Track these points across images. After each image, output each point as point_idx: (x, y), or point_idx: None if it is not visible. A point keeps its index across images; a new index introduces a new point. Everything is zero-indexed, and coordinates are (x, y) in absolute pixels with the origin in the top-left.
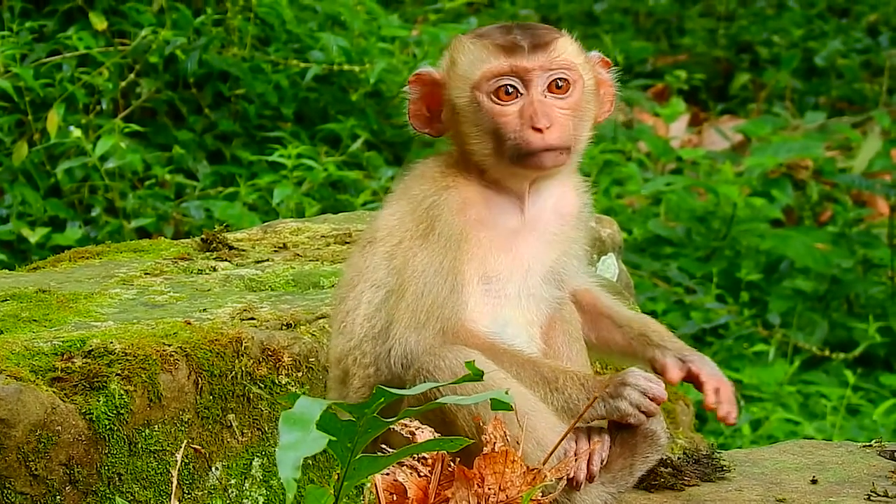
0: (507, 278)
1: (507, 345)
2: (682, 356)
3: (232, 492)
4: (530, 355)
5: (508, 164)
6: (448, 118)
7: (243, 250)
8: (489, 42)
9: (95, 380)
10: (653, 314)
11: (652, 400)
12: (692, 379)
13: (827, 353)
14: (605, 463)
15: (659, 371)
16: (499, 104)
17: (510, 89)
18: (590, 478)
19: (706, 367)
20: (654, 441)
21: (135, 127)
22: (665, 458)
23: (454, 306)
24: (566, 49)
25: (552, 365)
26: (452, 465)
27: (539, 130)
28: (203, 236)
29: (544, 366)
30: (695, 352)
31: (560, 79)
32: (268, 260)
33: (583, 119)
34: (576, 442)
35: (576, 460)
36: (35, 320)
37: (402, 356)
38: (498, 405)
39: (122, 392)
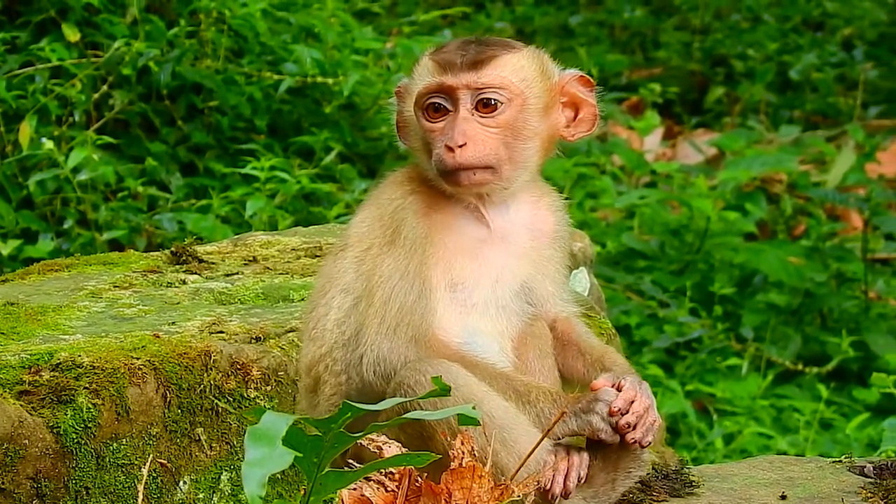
0: (474, 286)
1: (480, 357)
2: (618, 375)
3: None
4: (503, 369)
5: (441, 183)
6: (402, 130)
7: (213, 263)
8: (432, 58)
9: (63, 393)
10: (626, 328)
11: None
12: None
13: (800, 367)
14: (583, 480)
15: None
16: (429, 121)
17: (439, 106)
18: (565, 494)
19: (630, 383)
20: (636, 456)
21: (107, 139)
22: None
23: (423, 312)
24: (505, 67)
25: (524, 379)
26: (420, 480)
27: (451, 149)
28: (173, 249)
29: (516, 380)
30: (636, 376)
31: (487, 98)
32: (237, 273)
33: (519, 139)
34: (555, 456)
35: (553, 474)
36: (3, 333)
37: (374, 363)
38: (465, 420)
39: (89, 405)
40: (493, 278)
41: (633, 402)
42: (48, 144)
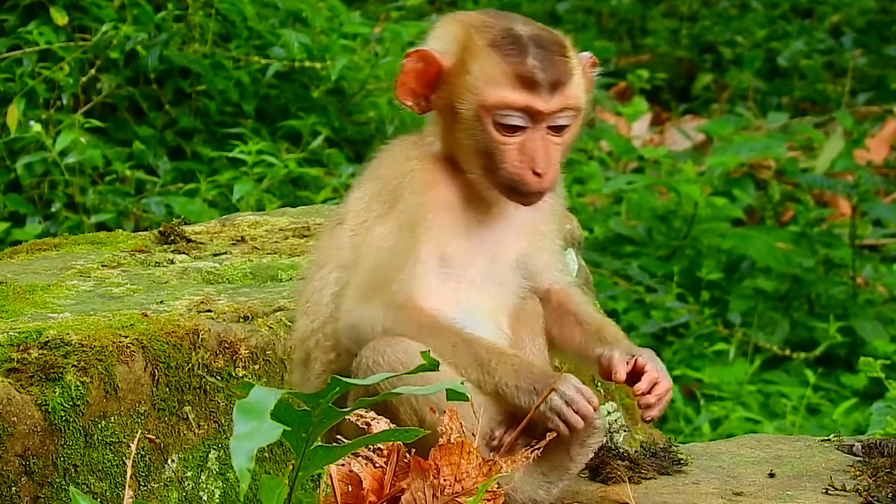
0: (469, 263)
1: (449, 322)
2: (631, 352)
3: (188, 484)
4: (470, 334)
5: (493, 188)
6: (443, 113)
7: (201, 243)
8: (508, 66)
9: (51, 371)
10: (613, 313)
11: (576, 412)
12: (637, 372)
13: (787, 352)
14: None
15: (606, 368)
16: (503, 134)
17: (518, 124)
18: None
19: (652, 362)
20: (588, 423)
21: (95, 122)
22: (622, 451)
23: (403, 282)
24: (578, 87)
25: (489, 346)
26: (408, 456)
27: (538, 175)
28: (161, 229)
29: (481, 346)
30: (645, 350)
31: (562, 125)
32: (226, 253)
33: (569, 150)
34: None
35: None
36: None
37: (348, 328)
38: (454, 395)
39: (78, 383)
40: (490, 255)
41: (655, 384)
42: (36, 127)
